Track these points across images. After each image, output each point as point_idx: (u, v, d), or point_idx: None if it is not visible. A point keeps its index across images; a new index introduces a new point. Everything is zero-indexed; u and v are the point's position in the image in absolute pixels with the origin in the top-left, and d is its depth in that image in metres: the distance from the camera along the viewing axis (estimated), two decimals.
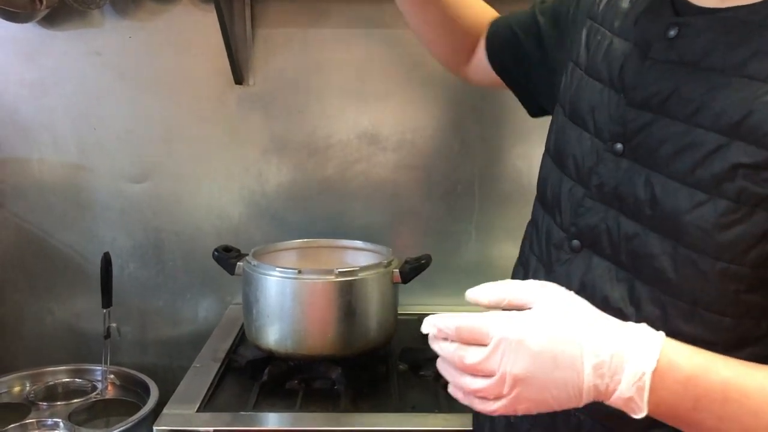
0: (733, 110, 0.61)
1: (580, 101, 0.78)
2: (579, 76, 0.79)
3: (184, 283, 1.75)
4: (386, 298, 1.36)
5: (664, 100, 0.67)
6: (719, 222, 0.61)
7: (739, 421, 0.58)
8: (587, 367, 0.58)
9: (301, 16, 1.64)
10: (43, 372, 1.61)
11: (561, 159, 0.79)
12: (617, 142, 0.71)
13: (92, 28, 1.64)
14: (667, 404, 0.58)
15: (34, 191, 1.70)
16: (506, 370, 0.59)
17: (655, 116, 0.68)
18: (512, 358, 0.59)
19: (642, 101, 0.69)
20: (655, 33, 0.70)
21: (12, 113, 1.67)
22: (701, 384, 0.58)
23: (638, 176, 0.68)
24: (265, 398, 1.26)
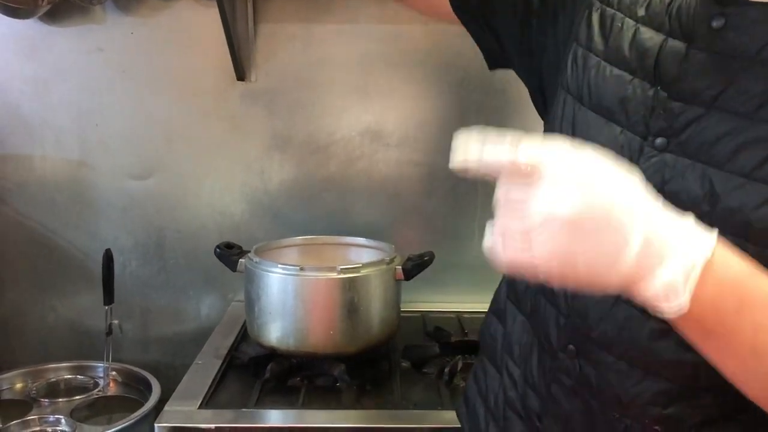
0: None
1: (603, 91, 0.74)
2: (595, 64, 0.75)
3: (186, 280, 1.74)
4: (389, 295, 1.35)
5: (717, 93, 0.64)
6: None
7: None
8: (638, 235, 0.51)
9: (304, 11, 1.63)
10: (45, 369, 1.61)
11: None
12: (659, 137, 0.68)
13: (94, 25, 1.63)
14: (709, 302, 0.53)
15: (36, 188, 1.70)
16: (552, 206, 0.52)
17: (707, 110, 0.65)
18: (563, 195, 0.52)
19: (690, 94, 0.66)
20: (697, 24, 0.67)
21: (14, 110, 1.67)
22: (749, 285, 0.54)
23: (691, 171, 0.65)
24: (268, 395, 1.26)
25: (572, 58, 0.79)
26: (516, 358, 0.84)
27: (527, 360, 0.82)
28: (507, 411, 0.85)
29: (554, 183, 0.52)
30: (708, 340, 0.56)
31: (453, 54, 1.64)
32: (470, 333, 1.53)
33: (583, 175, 0.53)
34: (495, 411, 0.87)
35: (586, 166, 0.53)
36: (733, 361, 0.57)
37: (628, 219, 0.52)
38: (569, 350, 0.75)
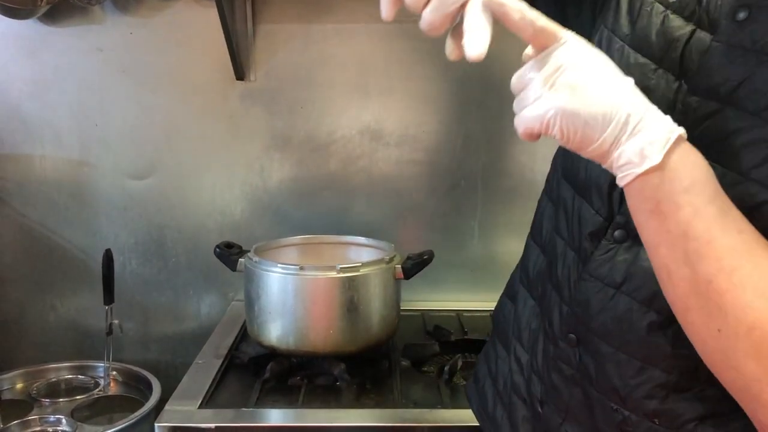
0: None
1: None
2: (619, 48, 0.72)
3: (186, 279, 1.75)
4: (389, 294, 1.36)
5: (733, 89, 0.62)
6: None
7: (708, 225, 0.56)
8: (630, 102, 0.58)
9: (303, 11, 1.63)
10: (46, 369, 1.61)
11: None
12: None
13: (93, 25, 1.63)
14: (670, 172, 0.57)
15: (36, 188, 1.70)
16: (566, 54, 0.59)
17: (721, 106, 0.63)
18: (572, 57, 0.59)
19: (707, 89, 0.64)
20: (722, 14, 0.64)
21: (14, 110, 1.67)
22: (704, 173, 0.58)
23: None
24: (268, 395, 1.26)
25: (598, 40, 0.76)
26: (524, 342, 0.85)
27: (534, 346, 0.82)
28: (512, 395, 0.86)
29: (573, 46, 0.59)
30: (652, 216, 0.59)
31: None
32: (470, 331, 1.53)
33: (594, 52, 0.60)
34: (503, 394, 0.88)
35: (594, 51, 0.60)
36: (664, 247, 0.58)
37: (626, 86, 0.59)
38: (570, 339, 0.75)
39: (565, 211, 0.79)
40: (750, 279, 0.55)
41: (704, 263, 0.56)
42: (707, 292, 0.56)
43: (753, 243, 0.56)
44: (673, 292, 0.60)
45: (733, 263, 0.55)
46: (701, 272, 0.56)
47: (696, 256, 0.56)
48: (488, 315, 1.66)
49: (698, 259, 0.56)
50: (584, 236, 0.74)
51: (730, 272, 0.55)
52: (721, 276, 0.55)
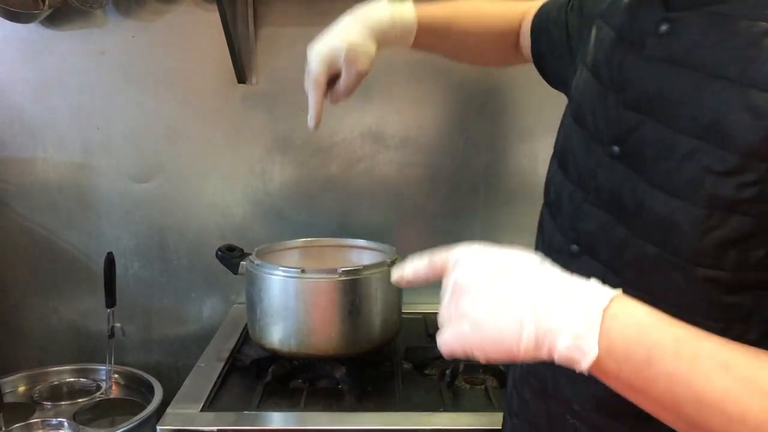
0: (708, 113, 0.59)
1: (584, 102, 0.75)
2: (586, 77, 0.77)
3: (188, 282, 1.75)
4: (390, 297, 1.36)
5: (650, 100, 0.65)
6: (697, 229, 0.60)
7: (689, 383, 0.52)
8: (528, 323, 0.54)
9: (304, 14, 1.63)
10: (48, 372, 1.61)
11: (564, 161, 0.78)
12: (614, 145, 0.69)
13: (95, 28, 1.64)
14: (619, 350, 0.53)
15: (38, 190, 1.70)
16: (455, 278, 0.59)
17: (643, 117, 0.65)
18: (463, 282, 0.59)
19: (633, 102, 0.67)
20: (647, 29, 0.67)
21: (16, 113, 1.67)
22: (654, 333, 0.53)
23: (627, 181, 0.67)
24: (269, 397, 1.26)
25: (576, 74, 0.81)
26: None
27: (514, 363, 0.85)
28: (506, 409, 0.90)
29: (461, 270, 0.59)
30: (632, 393, 0.55)
31: None
32: None
33: (482, 267, 0.58)
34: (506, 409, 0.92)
35: (484, 260, 0.59)
36: (663, 413, 0.55)
37: (518, 309, 0.55)
38: None
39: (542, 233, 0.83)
40: (760, 407, 0.51)
41: (711, 420, 0.52)
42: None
43: (734, 369, 0.52)
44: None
45: (737, 407, 0.51)
46: (714, 427, 0.52)
47: (697, 415, 0.52)
48: None
49: (700, 417, 0.52)
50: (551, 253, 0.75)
51: (742, 417, 0.51)
52: (736, 427, 0.51)
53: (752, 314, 0.61)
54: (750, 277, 0.60)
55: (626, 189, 0.67)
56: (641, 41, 0.68)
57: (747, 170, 0.57)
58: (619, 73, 0.70)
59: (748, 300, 0.61)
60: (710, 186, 0.59)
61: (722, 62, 0.59)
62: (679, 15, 0.64)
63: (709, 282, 0.61)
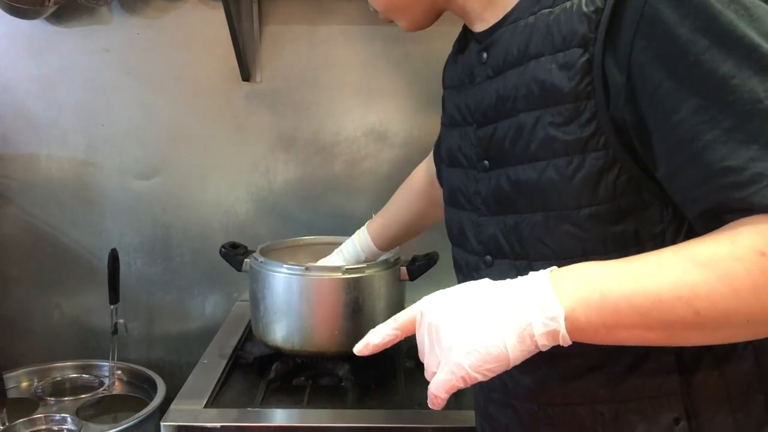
0: (533, 87, 0.73)
1: (450, 148, 0.90)
2: (445, 132, 0.94)
3: (191, 279, 1.75)
4: (393, 295, 1.36)
5: (493, 108, 0.79)
6: (564, 176, 0.71)
7: (643, 292, 0.60)
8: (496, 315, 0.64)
9: (309, 12, 1.64)
10: (51, 367, 1.62)
11: (454, 200, 0.90)
12: (483, 161, 0.82)
13: (100, 25, 1.64)
14: (578, 300, 0.62)
15: (42, 187, 1.71)
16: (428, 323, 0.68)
17: (494, 125, 0.79)
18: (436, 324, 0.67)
19: (483, 119, 0.81)
20: (472, 65, 0.84)
21: (20, 109, 1.68)
22: (593, 273, 0.63)
23: (502, 176, 0.79)
24: (272, 395, 1.26)
25: (440, 136, 0.99)
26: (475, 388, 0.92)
27: (475, 395, 0.93)
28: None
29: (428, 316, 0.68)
30: (611, 333, 0.62)
31: None
32: None
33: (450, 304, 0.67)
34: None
35: (445, 300, 0.68)
36: (642, 334, 0.62)
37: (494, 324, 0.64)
38: None
39: (460, 269, 0.93)
40: (703, 280, 0.58)
41: (676, 312, 0.59)
42: (705, 318, 0.59)
43: (666, 261, 0.61)
44: (687, 342, 0.66)
45: (686, 285, 0.59)
46: (687, 318, 0.59)
47: (665, 315, 0.59)
48: None
49: (667, 315, 0.59)
50: (472, 277, 0.85)
51: (694, 292, 0.58)
52: (697, 302, 0.58)
53: (640, 236, 0.70)
54: (624, 203, 0.70)
55: (502, 183, 0.79)
56: (470, 76, 0.85)
57: (581, 111, 0.69)
58: (466, 109, 0.86)
59: (631, 224, 0.70)
60: (561, 136, 0.71)
61: (531, 49, 0.74)
62: (489, 41, 0.81)
63: (594, 219, 0.71)
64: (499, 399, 0.85)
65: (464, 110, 0.86)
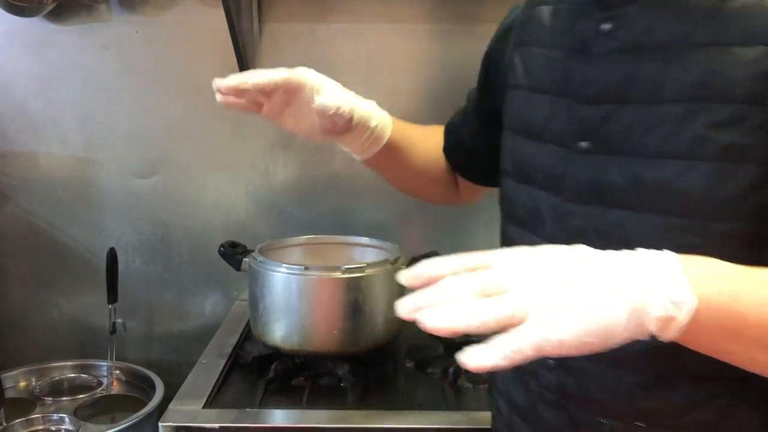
0: (693, 77, 0.65)
1: (531, 117, 0.81)
2: (523, 96, 0.83)
3: (190, 278, 1.74)
4: (393, 295, 1.35)
5: (621, 89, 0.70)
6: (707, 183, 0.63)
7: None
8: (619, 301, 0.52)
9: (309, 11, 1.63)
10: (49, 367, 1.61)
11: (525, 175, 0.82)
12: (580, 142, 0.73)
13: (99, 23, 1.63)
14: (711, 293, 0.53)
15: (41, 185, 1.70)
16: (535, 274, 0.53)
17: (614, 106, 0.70)
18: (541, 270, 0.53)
19: (597, 96, 0.72)
20: (588, 33, 0.74)
21: (20, 108, 1.67)
22: (728, 268, 0.55)
23: (611, 166, 0.70)
24: (272, 395, 1.26)
25: (507, 100, 0.88)
26: (499, 387, 0.87)
27: (509, 388, 0.85)
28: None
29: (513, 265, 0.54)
30: (724, 340, 0.55)
31: (457, 53, 1.63)
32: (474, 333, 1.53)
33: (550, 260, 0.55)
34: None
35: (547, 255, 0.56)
36: (756, 352, 0.55)
37: (609, 294, 0.52)
38: (548, 365, 0.77)
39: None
40: None
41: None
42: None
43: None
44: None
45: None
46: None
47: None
48: None
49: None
50: None
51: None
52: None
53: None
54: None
55: (611, 174, 0.70)
56: (582, 43, 0.74)
57: (749, 116, 0.62)
58: (566, 80, 0.76)
59: (763, 255, 0.61)
60: (716, 138, 0.63)
61: (683, 34, 0.66)
62: (619, 12, 0.71)
63: (727, 237, 0.63)
64: (555, 401, 0.78)
65: (559, 81, 0.77)
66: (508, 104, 0.87)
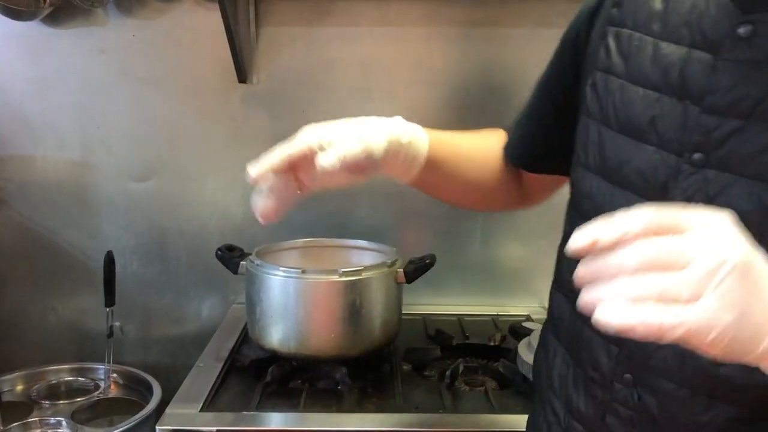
0: None
1: (631, 112, 0.72)
2: (618, 86, 0.73)
3: (187, 281, 1.74)
4: (390, 298, 1.35)
5: (755, 103, 0.62)
6: None
7: None
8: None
9: (306, 14, 1.63)
10: (46, 370, 1.61)
11: (617, 175, 0.73)
12: (696, 153, 0.65)
13: (96, 27, 1.63)
14: None
15: (38, 189, 1.70)
16: (725, 255, 0.47)
17: (745, 122, 0.63)
18: (729, 242, 0.48)
19: (725, 107, 0.64)
20: (720, 33, 0.65)
21: (16, 111, 1.67)
22: None
23: (736, 186, 0.63)
24: (269, 398, 1.26)
25: (590, 83, 0.78)
26: (556, 389, 0.82)
27: (570, 392, 0.80)
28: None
29: (715, 231, 0.49)
30: None
31: (455, 56, 1.64)
32: (471, 336, 1.53)
33: (733, 229, 0.50)
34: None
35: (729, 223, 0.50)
36: None
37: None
38: (625, 379, 0.72)
39: None
40: None
41: None
42: None
43: None
44: None
45: None
46: None
47: None
48: (490, 319, 1.66)
49: None
50: None
51: None
52: None
53: None
54: None
55: (735, 194, 0.63)
56: (712, 46, 0.65)
57: None
58: (684, 80, 0.67)
59: None
60: None
61: None
62: (762, 16, 0.62)
63: None
64: (629, 418, 0.73)
65: (674, 79, 0.67)
66: (596, 89, 0.77)
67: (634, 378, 0.71)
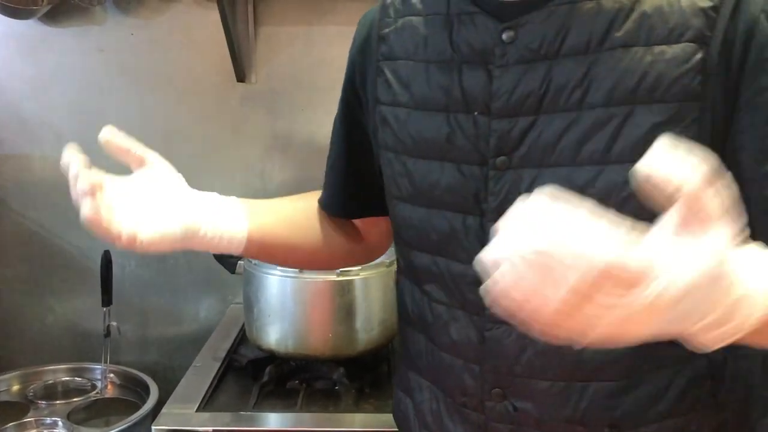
0: (626, 80, 0.63)
1: (427, 135, 0.73)
2: (407, 114, 0.75)
3: (185, 281, 1.74)
4: (388, 297, 1.35)
5: (540, 98, 0.66)
6: None
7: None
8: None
9: (304, 13, 1.63)
10: (43, 370, 1.60)
11: (430, 198, 0.74)
12: (498, 156, 0.68)
13: (94, 25, 1.63)
14: None
15: (35, 188, 1.70)
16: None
17: (535, 117, 0.66)
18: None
19: (513, 109, 0.67)
20: (486, 44, 0.68)
21: (14, 110, 1.67)
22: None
23: (544, 176, 0.66)
24: (266, 398, 1.25)
25: (380, 119, 0.78)
26: (431, 426, 0.80)
27: (446, 424, 0.78)
28: None
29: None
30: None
31: None
32: None
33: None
34: None
35: None
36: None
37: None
38: (495, 394, 0.71)
39: (433, 276, 0.75)
40: None
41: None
42: None
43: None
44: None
45: None
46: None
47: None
48: None
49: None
50: (464, 290, 0.71)
51: None
52: None
53: None
54: None
55: (541, 185, 0.59)
56: (481, 57, 0.68)
57: (687, 113, 0.62)
58: (463, 94, 0.70)
59: None
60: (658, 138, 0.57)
61: (602, 37, 0.63)
62: (521, 20, 0.66)
63: None
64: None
65: (457, 96, 0.70)
66: (388, 123, 0.77)
67: (504, 390, 0.71)
